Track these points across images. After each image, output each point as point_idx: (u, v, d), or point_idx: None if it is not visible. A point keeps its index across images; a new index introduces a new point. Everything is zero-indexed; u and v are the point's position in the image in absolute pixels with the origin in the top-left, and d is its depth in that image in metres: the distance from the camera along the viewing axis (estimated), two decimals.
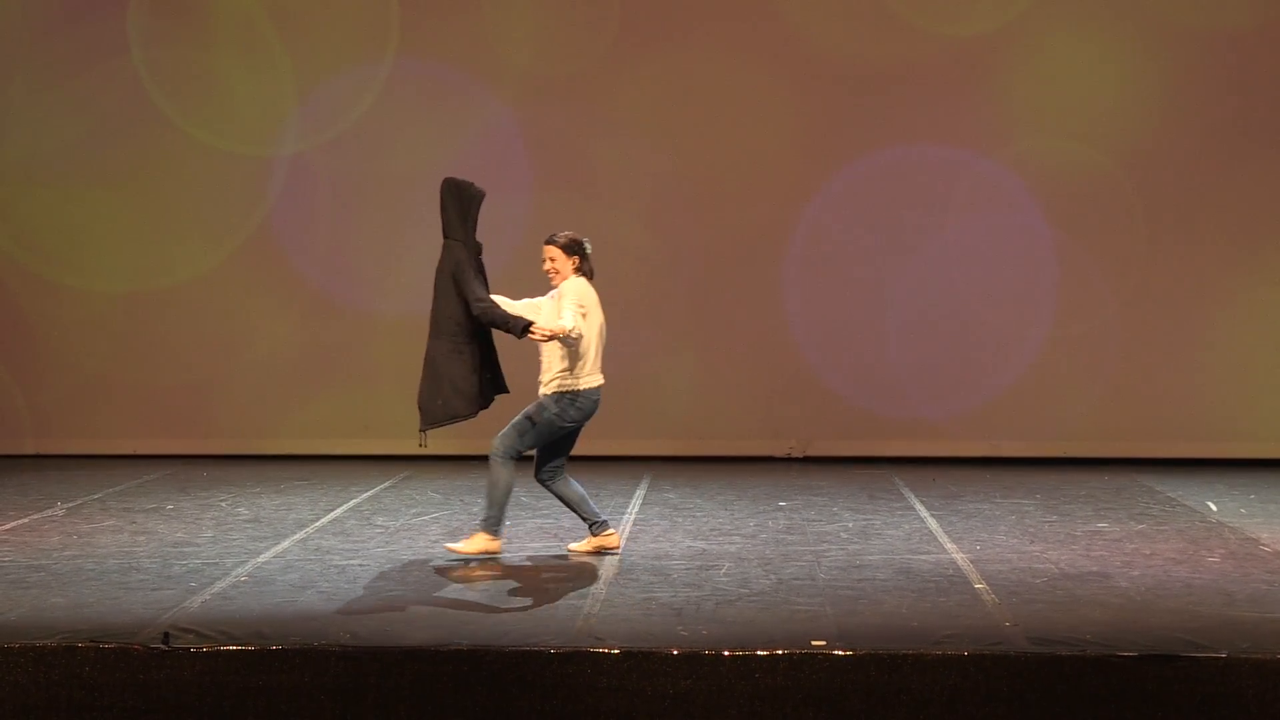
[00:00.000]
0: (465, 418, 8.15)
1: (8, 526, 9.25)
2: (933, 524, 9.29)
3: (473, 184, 8.29)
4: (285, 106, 12.21)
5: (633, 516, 9.56)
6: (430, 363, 8.12)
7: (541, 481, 8.39)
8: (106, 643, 6.42)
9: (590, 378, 8.25)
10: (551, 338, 8.02)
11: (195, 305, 12.25)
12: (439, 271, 8.19)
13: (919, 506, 9.90)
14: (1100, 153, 11.90)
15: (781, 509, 9.87)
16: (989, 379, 12.03)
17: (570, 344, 8.13)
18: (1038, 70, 11.92)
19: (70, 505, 10.00)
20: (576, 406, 8.21)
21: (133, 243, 12.33)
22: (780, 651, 6.31)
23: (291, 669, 6.33)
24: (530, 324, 8.00)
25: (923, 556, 8.31)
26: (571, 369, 8.18)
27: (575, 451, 11.82)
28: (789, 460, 12.05)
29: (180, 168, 12.27)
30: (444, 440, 11.98)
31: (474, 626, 6.76)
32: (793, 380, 12.09)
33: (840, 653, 6.31)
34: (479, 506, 9.81)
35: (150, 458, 12.01)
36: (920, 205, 12.03)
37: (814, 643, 6.42)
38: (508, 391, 8.39)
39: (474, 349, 8.13)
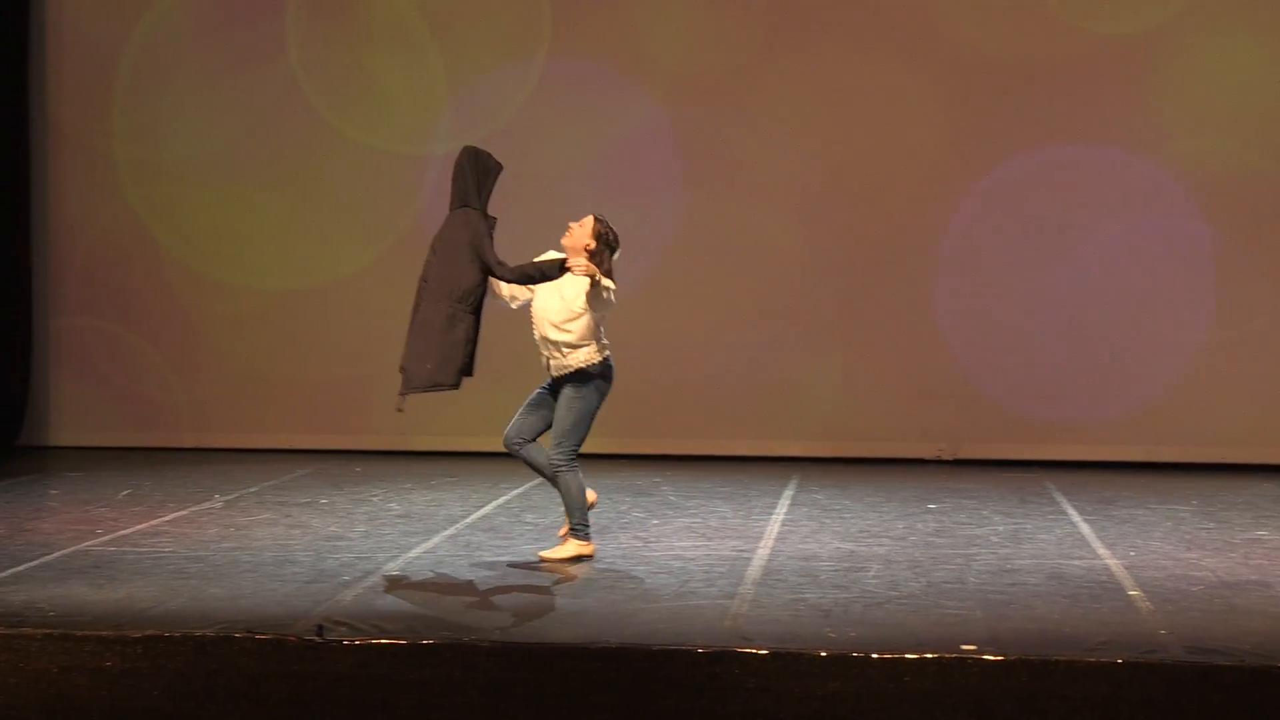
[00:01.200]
0: (448, 388, 7.93)
1: (168, 518, 9.45)
2: (1085, 529, 9.16)
3: (491, 155, 8.21)
4: (438, 105, 12.34)
5: (780, 517, 9.54)
6: (423, 326, 7.91)
7: (514, 447, 8.13)
8: (262, 633, 6.53)
9: (607, 346, 8.07)
10: (594, 276, 7.73)
11: (350, 302, 12.43)
12: (444, 238, 8.04)
13: (1071, 511, 9.77)
14: (1260, 153, 11.64)
15: (931, 511, 9.78)
16: (1145, 382, 11.82)
17: (600, 305, 7.88)
18: (1196, 68, 11.69)
19: (228, 498, 10.19)
20: (610, 375, 8.06)
21: (289, 240, 12.54)
22: (930, 655, 6.25)
23: (442, 663, 6.39)
24: (564, 261, 7.80)
25: (1075, 562, 8.19)
26: (601, 339, 8.02)
27: (724, 453, 11.93)
28: (938, 462, 11.94)
29: (335, 166, 12.45)
30: (594, 438, 12.07)
31: (622, 625, 6.78)
32: (943, 382, 11.98)
33: (991, 658, 6.24)
34: (627, 504, 9.87)
35: (305, 452, 12.20)
36: (1075, 205, 11.86)
37: (964, 647, 6.35)
38: (471, 375, 8.11)
39: (470, 322, 7.95)
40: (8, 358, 12.51)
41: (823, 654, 6.29)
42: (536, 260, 8.02)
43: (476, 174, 8.17)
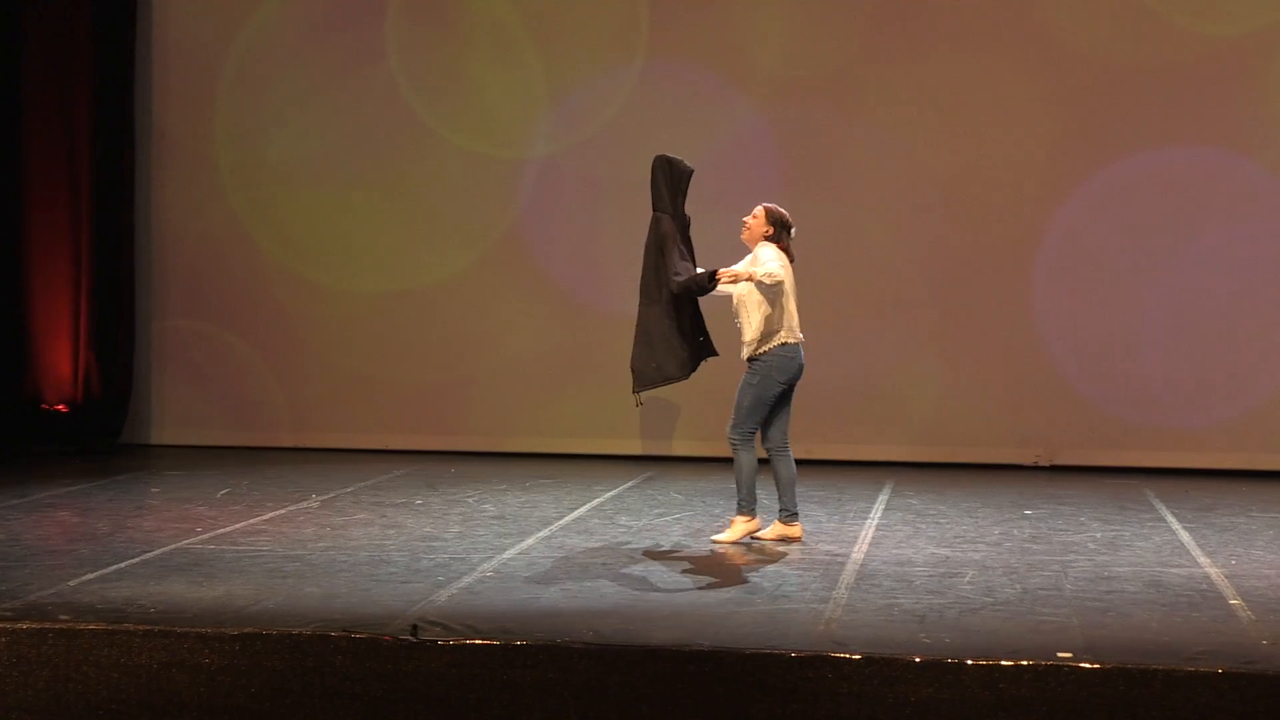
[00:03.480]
0: (678, 379, 8.65)
1: (266, 517, 9.55)
2: (1185, 537, 9.04)
3: (683, 160, 8.76)
4: (536, 109, 12.39)
5: (875, 522, 9.49)
6: (642, 327, 8.56)
7: (768, 451, 8.68)
8: (358, 632, 6.58)
9: (791, 333, 8.53)
10: (740, 279, 8.35)
11: (448, 305, 12.51)
12: (647, 242, 8.62)
13: (1170, 519, 9.64)
14: None
15: (1027, 518, 9.70)
16: (1247, 389, 11.66)
17: (769, 293, 8.40)
18: None
19: (324, 497, 10.29)
20: (783, 362, 8.52)
21: (388, 244, 12.64)
22: (1025, 662, 6.20)
23: (535, 665, 6.42)
24: (715, 271, 8.37)
25: (1174, 570, 8.09)
26: (774, 326, 8.47)
27: (820, 456, 11.87)
28: (1035, 469, 11.83)
29: (435, 170, 12.54)
30: (687, 441, 12.08)
31: (715, 627, 6.77)
32: (1040, 387, 11.87)
33: (1087, 666, 6.18)
34: (720, 508, 9.86)
35: (401, 453, 12.30)
36: (1178, 209, 11.72)
37: (1060, 654, 6.29)
38: (717, 354, 8.77)
39: (685, 314, 8.55)
40: (111, 358, 12.71)
41: (916, 660, 6.25)
42: (700, 272, 8.57)
43: (670, 179, 8.73)
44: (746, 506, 8.64)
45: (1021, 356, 11.89)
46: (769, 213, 8.66)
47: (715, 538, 8.75)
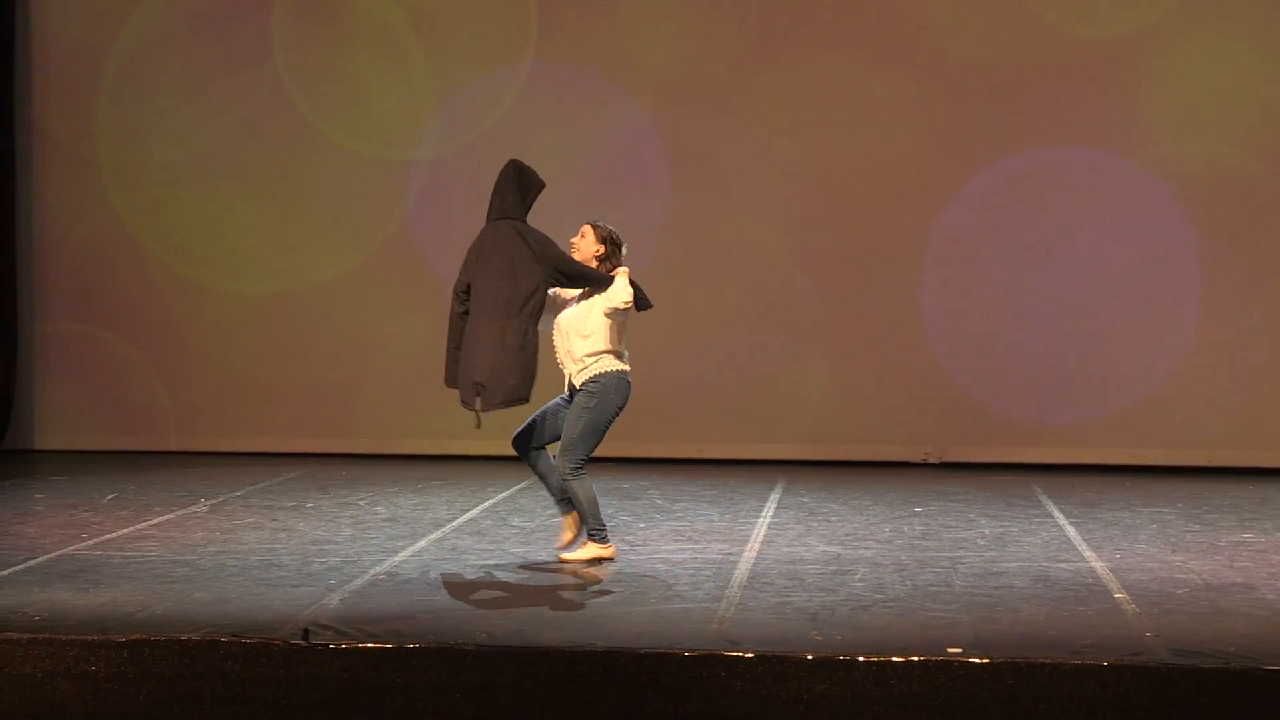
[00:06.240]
0: (524, 403, 8.00)
1: (153, 522, 9.43)
2: (1071, 532, 9.17)
3: (535, 172, 8.27)
4: (424, 110, 12.34)
5: (767, 521, 9.54)
6: (490, 342, 7.88)
7: (523, 451, 8.16)
8: (248, 637, 6.52)
9: (624, 357, 8.11)
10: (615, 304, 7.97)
11: (335, 307, 12.42)
12: (489, 250, 8.01)
13: (1057, 514, 9.78)
14: (1245, 154, 11.68)
15: (917, 515, 9.79)
16: (1129, 385, 11.85)
17: (617, 316, 8.00)
18: (1179, 71, 11.72)
19: (213, 502, 10.18)
20: (625, 391, 8.07)
21: (275, 245, 12.53)
22: (916, 658, 6.26)
23: (428, 667, 6.39)
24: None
25: (1061, 564, 8.20)
26: (620, 349, 8.07)
27: (711, 455, 11.93)
28: (925, 466, 11.95)
29: (321, 171, 12.45)
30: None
31: (608, 628, 6.78)
32: (929, 385, 11.99)
33: (977, 660, 6.24)
34: (613, 507, 9.87)
35: (290, 456, 12.19)
36: (1059, 209, 11.88)
37: (950, 650, 6.36)
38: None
39: (536, 334, 8.00)
40: None
41: (809, 657, 6.29)
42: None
43: (520, 188, 8.22)
44: (600, 534, 8.15)
45: (909, 355, 12.00)
46: (598, 232, 8.14)
47: (564, 554, 8.23)
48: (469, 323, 8.01)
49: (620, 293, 8.00)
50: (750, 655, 6.30)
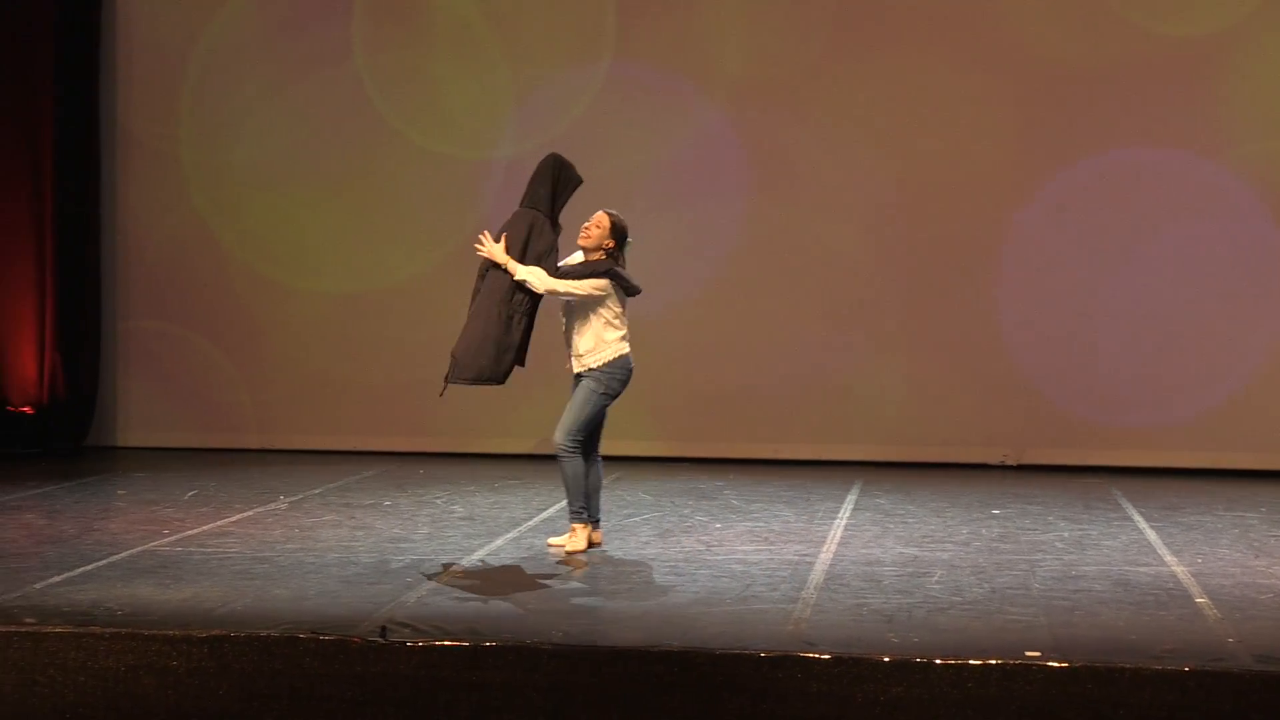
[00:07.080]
0: (495, 384, 8.23)
1: (233, 519, 9.51)
2: (1151, 535, 9.08)
3: (574, 168, 8.38)
4: (502, 110, 12.38)
5: (844, 522, 9.51)
6: (482, 320, 8.13)
7: (584, 459, 8.39)
8: (326, 634, 6.56)
9: (626, 344, 8.28)
10: (494, 259, 8.12)
11: (413, 306, 12.48)
12: (508, 234, 8.23)
13: (1137, 517, 9.69)
14: None
15: (995, 517, 9.73)
16: (1212, 388, 11.72)
17: (589, 304, 8.16)
18: (1265, 70, 11.57)
19: (292, 499, 10.25)
20: (621, 377, 8.27)
21: (354, 244, 12.61)
22: (993, 661, 6.22)
23: (504, 665, 6.41)
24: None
25: (1141, 568, 8.13)
26: (615, 334, 8.22)
27: (787, 456, 11.91)
28: (1002, 468, 11.87)
29: (400, 171, 12.51)
30: (655, 442, 12.07)
31: (684, 628, 6.77)
32: (1007, 387, 11.91)
33: (1055, 664, 6.20)
34: (689, 508, 9.87)
35: (369, 454, 12.27)
36: (1142, 210, 11.77)
37: (1028, 654, 6.31)
38: (523, 365, 8.38)
39: (528, 322, 8.20)
40: (77, 360, 12.65)
41: (885, 659, 6.26)
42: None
43: (556, 182, 8.35)
44: (582, 516, 8.38)
45: (987, 356, 11.92)
46: (614, 224, 8.28)
47: (553, 541, 8.54)
48: (473, 300, 8.27)
49: (538, 284, 8.14)
50: (826, 657, 6.28)
